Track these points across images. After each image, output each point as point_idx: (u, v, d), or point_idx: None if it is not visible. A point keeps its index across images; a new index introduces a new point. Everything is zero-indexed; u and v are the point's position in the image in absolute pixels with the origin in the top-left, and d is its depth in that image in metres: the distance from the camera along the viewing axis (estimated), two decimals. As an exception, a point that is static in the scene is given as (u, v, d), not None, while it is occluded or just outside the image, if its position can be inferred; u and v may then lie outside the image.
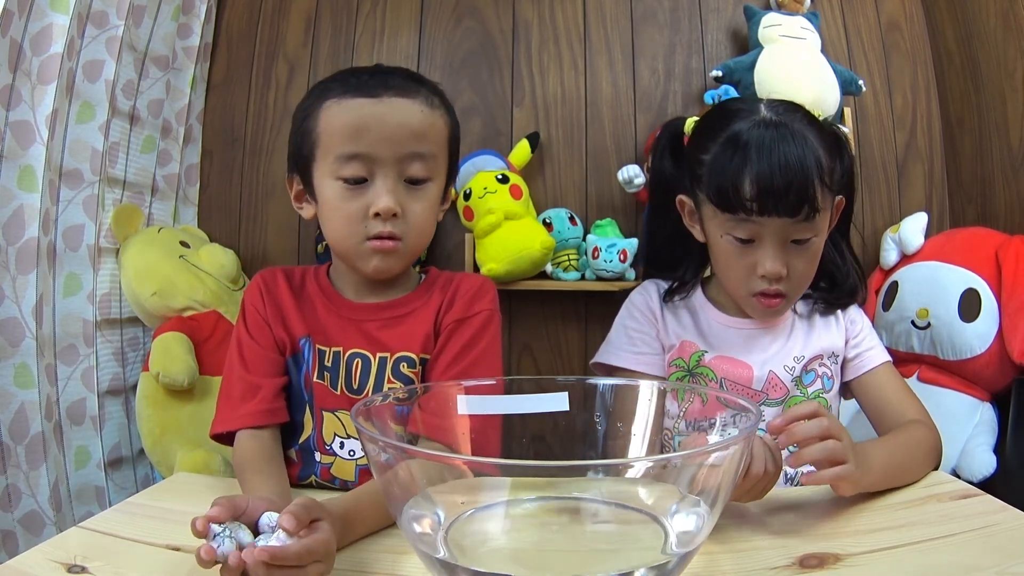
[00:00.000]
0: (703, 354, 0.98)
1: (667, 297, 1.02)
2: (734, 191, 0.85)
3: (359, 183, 0.79)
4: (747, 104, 0.94)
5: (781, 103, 0.92)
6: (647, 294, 1.04)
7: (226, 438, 0.83)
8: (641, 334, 1.01)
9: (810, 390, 0.97)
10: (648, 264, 1.08)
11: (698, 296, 1.02)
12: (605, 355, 1.02)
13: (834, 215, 0.94)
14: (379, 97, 0.79)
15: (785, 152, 0.83)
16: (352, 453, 0.84)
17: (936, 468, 0.83)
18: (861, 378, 0.98)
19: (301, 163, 0.84)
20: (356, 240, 0.81)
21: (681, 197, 0.98)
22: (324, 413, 0.85)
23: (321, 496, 0.78)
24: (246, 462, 0.78)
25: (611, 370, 1.00)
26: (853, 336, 0.99)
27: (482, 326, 0.87)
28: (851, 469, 0.67)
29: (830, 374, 0.98)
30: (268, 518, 0.55)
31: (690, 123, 0.99)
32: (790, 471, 0.90)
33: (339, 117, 0.79)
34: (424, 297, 0.89)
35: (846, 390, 1.01)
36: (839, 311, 1.00)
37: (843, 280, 0.99)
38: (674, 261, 1.03)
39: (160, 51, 1.57)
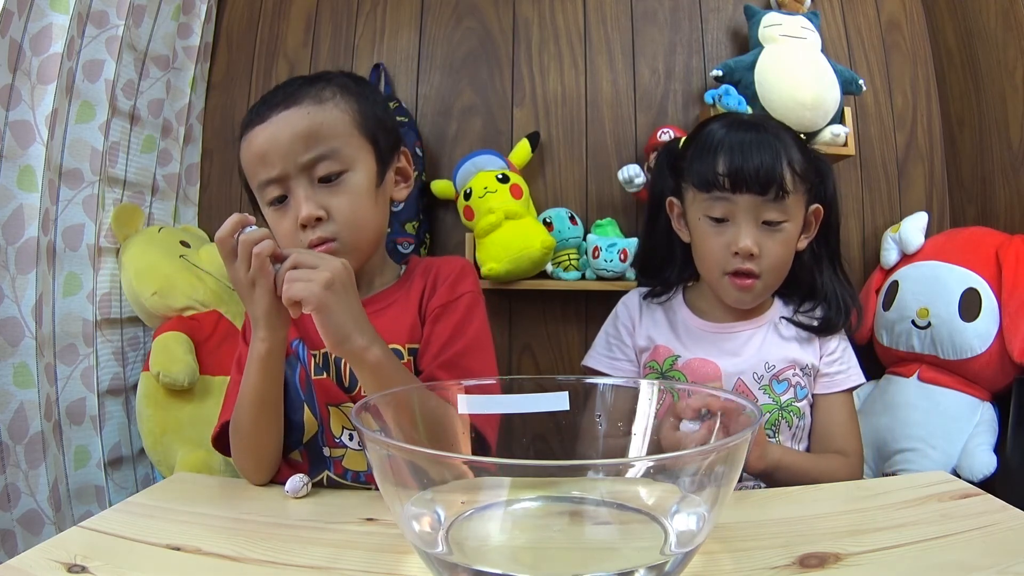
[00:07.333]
0: (676, 358, 1.03)
1: (648, 297, 1.10)
2: (710, 170, 0.95)
3: (282, 201, 0.82)
4: (730, 115, 1.04)
5: (762, 117, 1.03)
6: (629, 304, 1.13)
7: (224, 447, 0.83)
8: (619, 342, 1.10)
9: (783, 398, 1.00)
10: (639, 270, 1.18)
11: (678, 300, 1.09)
12: (588, 358, 1.14)
13: (812, 221, 1.00)
14: (267, 119, 0.81)
15: (756, 139, 0.95)
16: (362, 444, 0.84)
17: None
18: (821, 398, 1.03)
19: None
20: None
21: (671, 199, 1.05)
22: (330, 408, 0.85)
23: (335, 495, 0.78)
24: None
25: (593, 372, 1.09)
26: (827, 354, 1.03)
27: (467, 310, 0.87)
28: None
29: (803, 384, 1.02)
30: None
31: (684, 141, 1.09)
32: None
33: (246, 152, 0.83)
34: (405, 287, 0.90)
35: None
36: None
37: (836, 306, 1.02)
38: (660, 265, 1.11)
39: (160, 51, 1.57)
